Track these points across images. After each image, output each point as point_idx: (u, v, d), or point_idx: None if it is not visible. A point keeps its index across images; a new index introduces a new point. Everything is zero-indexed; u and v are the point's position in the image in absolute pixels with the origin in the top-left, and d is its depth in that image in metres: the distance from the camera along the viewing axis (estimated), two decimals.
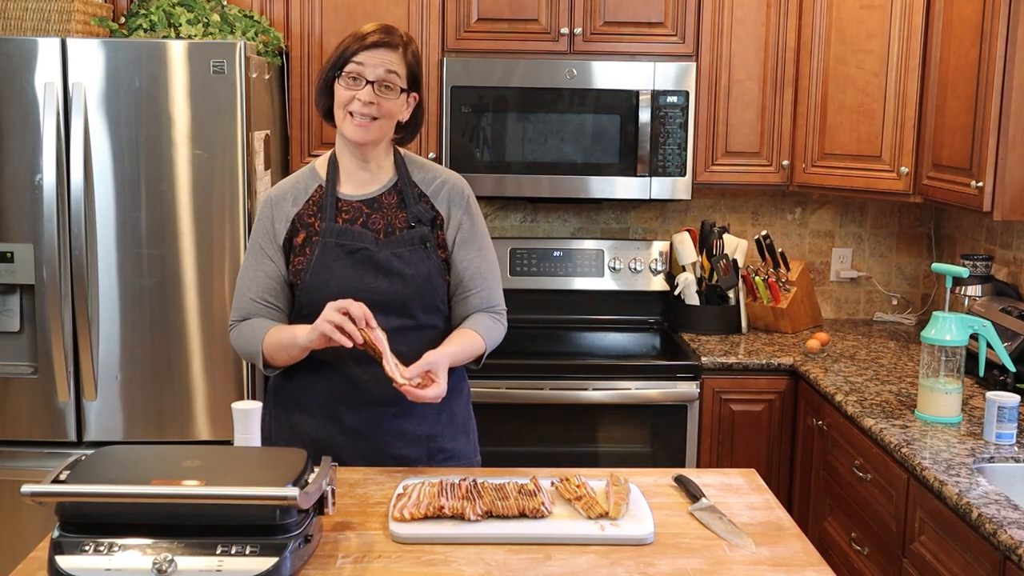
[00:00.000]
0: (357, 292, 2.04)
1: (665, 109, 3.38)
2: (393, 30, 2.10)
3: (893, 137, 3.25)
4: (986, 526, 1.93)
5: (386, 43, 2.06)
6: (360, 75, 2.04)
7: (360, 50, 2.05)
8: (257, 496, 1.54)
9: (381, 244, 2.10)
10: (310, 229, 2.12)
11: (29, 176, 2.91)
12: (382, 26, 2.09)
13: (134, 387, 3.01)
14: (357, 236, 2.10)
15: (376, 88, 2.04)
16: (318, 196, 2.15)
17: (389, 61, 2.05)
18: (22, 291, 2.98)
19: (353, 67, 2.04)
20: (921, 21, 3.14)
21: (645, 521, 1.78)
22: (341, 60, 2.06)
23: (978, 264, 3.18)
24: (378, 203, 2.14)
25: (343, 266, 2.08)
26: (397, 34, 2.10)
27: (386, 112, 2.07)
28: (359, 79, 2.04)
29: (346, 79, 2.05)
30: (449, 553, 1.70)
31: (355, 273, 2.08)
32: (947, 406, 2.53)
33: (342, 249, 2.09)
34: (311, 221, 2.13)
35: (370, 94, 2.04)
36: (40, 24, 2.98)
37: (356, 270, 2.08)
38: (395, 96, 2.07)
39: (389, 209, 2.14)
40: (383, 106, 2.06)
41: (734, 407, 3.25)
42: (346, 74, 2.05)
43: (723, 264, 3.56)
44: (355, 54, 2.05)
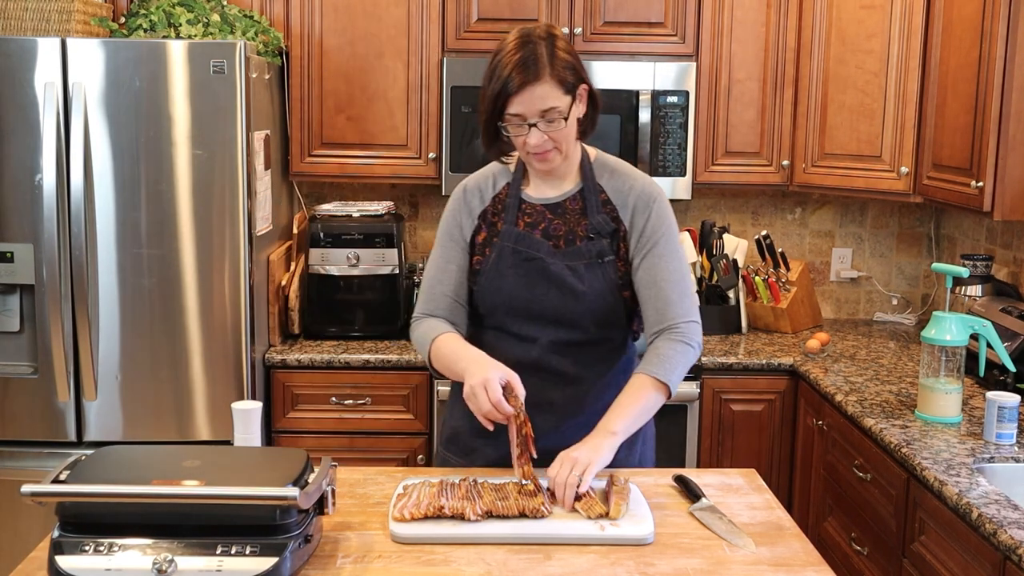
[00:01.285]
0: (528, 303, 2.02)
1: (665, 109, 3.38)
2: (532, 55, 1.92)
3: (893, 137, 3.25)
4: (986, 526, 1.93)
5: (528, 82, 1.91)
6: (521, 121, 1.95)
7: (509, 97, 1.93)
8: (257, 496, 1.54)
9: (557, 254, 2.03)
10: (492, 229, 2.08)
11: (29, 176, 2.91)
12: (522, 55, 1.92)
13: (134, 387, 3.01)
14: (535, 244, 2.03)
15: (541, 125, 1.95)
16: (504, 194, 2.10)
17: (540, 97, 1.93)
18: (22, 291, 2.98)
19: (509, 117, 1.95)
20: (921, 21, 3.14)
21: (645, 521, 1.78)
22: (495, 110, 1.95)
23: (978, 264, 3.18)
24: (562, 208, 2.07)
25: (516, 274, 2.03)
26: (538, 56, 1.93)
27: (560, 139, 1.98)
28: (521, 125, 1.95)
29: (510, 127, 1.96)
30: (449, 553, 1.70)
31: (527, 283, 2.03)
32: (947, 406, 2.53)
33: (518, 256, 2.03)
34: (494, 220, 2.09)
35: (538, 136, 1.95)
36: (40, 24, 2.98)
37: (529, 280, 2.03)
38: (562, 122, 1.96)
39: (572, 215, 2.06)
40: (555, 137, 1.97)
41: (734, 407, 3.25)
42: (507, 122, 1.96)
43: (723, 264, 3.56)
44: (506, 103, 1.93)
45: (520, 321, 2.06)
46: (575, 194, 2.08)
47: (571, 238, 2.05)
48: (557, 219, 2.07)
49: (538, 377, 2.05)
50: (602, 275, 2.03)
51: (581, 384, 2.09)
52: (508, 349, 2.07)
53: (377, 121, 3.44)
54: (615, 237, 2.05)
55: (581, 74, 1.99)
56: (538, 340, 2.06)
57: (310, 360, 3.20)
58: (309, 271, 3.39)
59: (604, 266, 2.03)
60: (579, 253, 2.03)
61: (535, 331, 2.06)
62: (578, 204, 2.07)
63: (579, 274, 2.03)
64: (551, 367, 2.06)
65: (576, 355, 2.07)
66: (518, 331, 2.07)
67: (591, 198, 2.06)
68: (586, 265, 2.03)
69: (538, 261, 2.03)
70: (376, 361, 3.19)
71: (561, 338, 2.05)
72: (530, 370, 2.05)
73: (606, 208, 2.07)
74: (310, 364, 3.20)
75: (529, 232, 2.06)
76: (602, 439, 1.92)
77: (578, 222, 2.06)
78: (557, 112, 1.95)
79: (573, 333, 2.06)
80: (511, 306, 2.04)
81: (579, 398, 2.09)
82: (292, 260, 3.51)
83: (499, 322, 2.09)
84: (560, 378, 2.07)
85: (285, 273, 3.42)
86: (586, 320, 2.05)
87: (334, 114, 3.43)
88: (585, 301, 2.02)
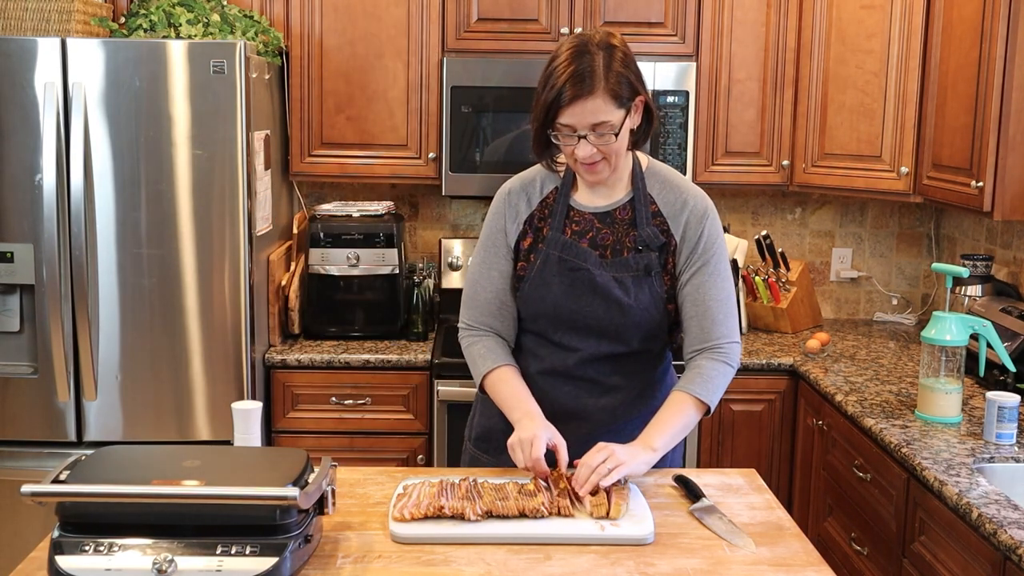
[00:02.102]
0: (572, 313, 2.00)
1: (665, 109, 3.38)
2: (587, 68, 1.87)
3: (893, 137, 3.25)
4: (986, 526, 1.93)
5: (580, 95, 1.87)
6: (571, 132, 1.91)
7: (560, 108, 1.89)
8: (257, 496, 1.54)
9: (605, 265, 2.00)
10: (538, 234, 2.05)
11: (29, 176, 2.91)
12: (575, 68, 1.87)
13: (134, 387, 3.01)
14: (581, 254, 2.00)
15: (591, 138, 1.91)
16: (552, 200, 2.06)
17: (592, 111, 1.89)
18: (22, 291, 2.98)
19: (560, 127, 1.92)
20: (921, 21, 3.14)
21: (645, 521, 1.78)
22: (546, 119, 1.92)
23: (978, 264, 3.18)
24: (611, 217, 2.03)
25: (562, 284, 2.00)
26: (594, 69, 1.88)
27: (610, 152, 1.94)
28: (571, 135, 1.92)
29: (560, 136, 1.93)
30: (449, 553, 1.70)
31: (573, 293, 2.00)
32: (947, 406, 2.53)
33: (564, 265, 2.00)
34: (540, 225, 2.05)
35: (587, 148, 1.92)
36: (40, 24, 2.98)
37: (574, 290, 2.00)
38: (612, 140, 1.92)
39: (621, 225, 2.02)
40: (605, 149, 1.93)
41: (734, 407, 3.25)
42: (558, 131, 1.93)
43: None
44: (557, 114, 1.90)
45: (563, 331, 2.04)
46: (625, 204, 2.04)
47: (619, 248, 2.01)
48: (605, 228, 2.03)
49: (573, 385, 2.05)
50: (648, 289, 2.00)
51: (617, 393, 2.07)
52: (547, 356, 2.05)
53: (377, 121, 3.44)
54: (664, 251, 2.02)
55: (637, 87, 1.94)
56: (579, 350, 2.03)
57: (310, 360, 3.20)
58: (309, 271, 3.39)
59: (651, 280, 2.00)
60: (626, 265, 2.00)
61: (577, 341, 2.03)
62: (628, 214, 2.03)
63: (626, 287, 1.99)
64: (588, 376, 2.05)
65: (615, 366, 2.05)
66: (559, 340, 2.04)
67: (641, 209, 2.02)
68: (633, 278, 2.00)
69: (584, 272, 2.00)
70: (376, 361, 3.19)
71: (603, 350, 2.03)
72: (566, 378, 2.05)
73: (656, 220, 2.03)
74: (310, 364, 3.20)
75: (576, 241, 2.02)
76: (642, 451, 1.91)
77: (627, 232, 2.02)
78: (608, 126, 1.91)
79: (616, 346, 2.03)
80: (555, 316, 2.02)
81: (614, 407, 2.07)
82: (292, 260, 3.51)
83: (541, 329, 2.06)
84: (596, 387, 2.06)
85: (285, 273, 3.42)
86: (630, 333, 2.02)
87: (334, 114, 3.43)
88: (631, 315, 2.00)
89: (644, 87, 1.96)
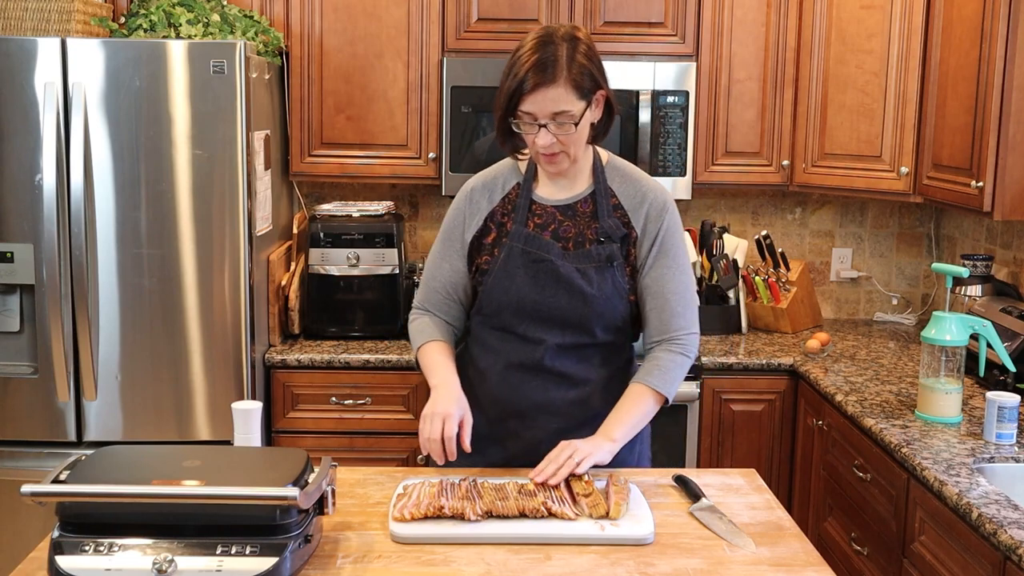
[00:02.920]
0: (537, 304, 2.02)
1: (665, 109, 3.38)
2: (550, 57, 1.92)
3: (893, 137, 3.25)
4: (986, 526, 1.93)
5: (542, 83, 1.91)
6: (532, 120, 1.95)
7: (523, 95, 1.92)
8: (257, 496, 1.54)
9: (567, 256, 2.03)
10: (501, 229, 2.08)
11: (29, 176, 2.91)
12: (539, 56, 1.92)
13: (134, 387, 3.01)
14: (544, 246, 2.03)
15: (551, 127, 1.95)
16: (515, 195, 2.09)
17: (553, 100, 1.92)
18: (22, 291, 2.98)
19: (521, 114, 1.95)
20: (921, 21, 3.14)
21: (645, 521, 1.78)
22: (509, 107, 1.95)
23: (978, 264, 3.18)
24: (572, 210, 2.06)
25: (526, 275, 2.03)
26: (557, 58, 1.92)
27: (569, 143, 1.98)
28: (532, 124, 1.95)
29: (522, 124, 1.96)
30: (449, 553, 1.70)
31: (537, 285, 2.03)
32: (947, 406, 2.53)
33: (527, 257, 2.03)
34: (504, 220, 2.08)
35: (547, 137, 1.95)
36: (40, 24, 2.98)
37: (538, 281, 2.03)
38: (572, 127, 1.95)
39: (583, 218, 2.06)
40: (564, 140, 1.97)
41: (734, 407, 3.25)
42: (519, 119, 1.96)
43: (723, 264, 3.56)
44: (519, 101, 1.93)
45: (527, 323, 2.05)
46: (586, 197, 2.08)
47: (580, 240, 2.05)
48: (568, 221, 2.06)
49: (541, 379, 2.06)
50: (611, 279, 2.03)
51: (585, 386, 2.09)
52: (512, 351, 2.07)
53: (377, 121, 3.44)
54: (625, 242, 2.05)
55: (599, 81, 1.98)
56: (544, 343, 2.05)
57: (310, 360, 3.20)
58: (309, 271, 3.39)
59: (613, 270, 2.03)
60: (589, 256, 2.03)
61: (542, 333, 2.05)
62: (589, 207, 2.07)
63: (589, 277, 2.02)
64: (556, 370, 2.06)
65: (581, 358, 2.07)
66: (524, 332, 2.06)
67: (602, 202, 2.06)
68: (596, 268, 2.03)
69: (548, 263, 2.03)
70: (376, 361, 3.19)
71: (567, 341, 2.05)
72: (534, 372, 2.06)
73: (617, 212, 2.07)
74: (310, 364, 3.20)
75: (539, 233, 2.05)
76: (603, 441, 1.96)
77: (588, 225, 2.06)
78: (568, 116, 1.94)
79: (580, 336, 2.05)
80: (519, 307, 2.04)
81: (582, 400, 2.09)
82: (292, 260, 3.51)
83: (505, 323, 2.08)
84: (564, 381, 2.07)
85: (285, 273, 3.42)
86: (594, 323, 2.04)
87: (334, 114, 3.43)
88: (595, 305, 2.02)
89: (606, 82, 2.01)
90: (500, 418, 2.10)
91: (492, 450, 2.11)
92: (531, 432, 2.08)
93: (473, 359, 2.15)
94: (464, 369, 2.14)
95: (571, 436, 2.00)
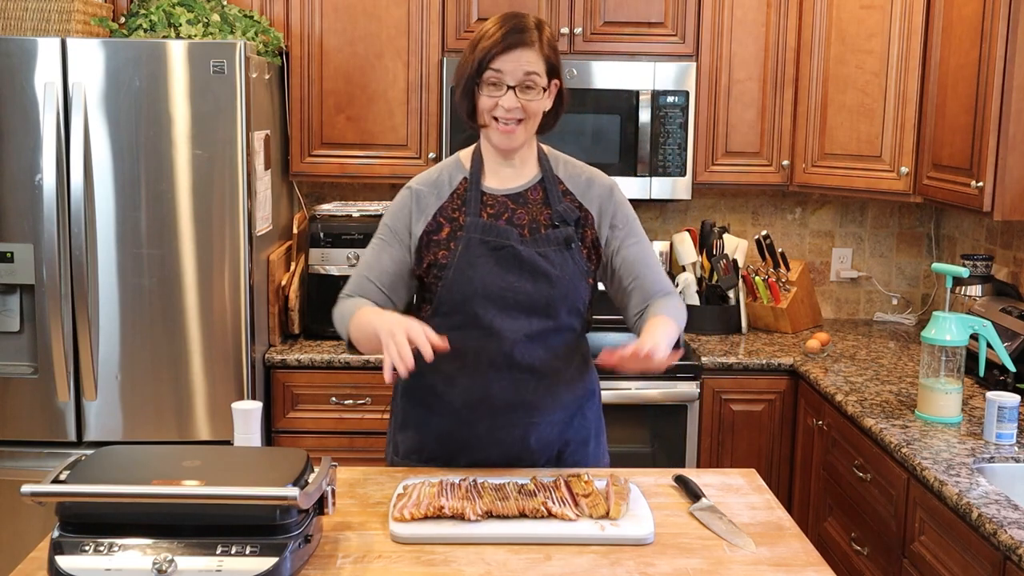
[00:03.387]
0: (502, 291, 2.01)
1: (665, 109, 3.38)
2: (524, 24, 1.99)
3: (893, 137, 3.25)
4: (986, 526, 1.93)
5: (522, 43, 1.96)
6: (500, 81, 1.97)
7: (496, 55, 1.96)
8: (257, 496, 1.54)
9: (526, 242, 2.03)
10: (454, 223, 2.06)
11: (29, 176, 2.91)
12: (514, 23, 1.98)
13: (134, 387, 3.01)
14: (502, 233, 2.03)
15: (518, 91, 1.98)
16: (463, 190, 2.09)
17: (527, 61, 1.97)
18: (22, 291, 2.98)
19: (491, 74, 1.97)
20: (921, 21, 3.14)
21: (645, 521, 1.78)
22: (479, 67, 1.97)
23: (978, 264, 3.18)
24: (523, 198, 2.08)
25: (487, 263, 2.02)
26: (530, 27, 1.99)
27: (531, 112, 2.01)
28: (499, 84, 1.97)
29: (487, 86, 1.98)
30: (449, 553, 1.70)
31: (499, 271, 2.02)
32: (947, 406, 2.53)
33: (486, 246, 2.02)
34: (455, 215, 2.07)
35: (513, 99, 1.97)
36: (40, 24, 2.98)
37: (500, 268, 2.02)
38: (538, 95, 2.00)
39: (534, 205, 2.08)
40: (528, 107, 2.00)
41: (734, 407, 3.25)
42: (486, 81, 1.98)
43: (723, 264, 3.56)
44: (492, 59, 1.96)
45: (493, 311, 2.02)
46: (535, 184, 2.10)
47: (535, 227, 2.06)
48: (520, 209, 2.07)
49: (511, 375, 2.04)
50: (571, 260, 2.05)
51: (551, 377, 2.08)
52: (479, 349, 2.04)
53: (377, 121, 3.44)
54: (580, 224, 2.08)
55: (559, 69, 2.05)
56: (509, 335, 2.02)
57: (310, 360, 3.20)
58: (309, 271, 3.39)
59: (572, 252, 2.06)
60: (547, 240, 2.05)
61: (508, 322, 2.02)
62: (539, 194, 2.09)
63: (550, 259, 2.04)
64: (525, 362, 2.04)
65: (546, 346, 2.06)
66: (491, 323, 2.02)
67: (551, 188, 2.09)
68: (555, 251, 2.04)
69: (508, 248, 2.03)
70: (376, 361, 3.19)
71: (533, 328, 2.03)
72: (505, 368, 2.04)
73: (567, 197, 2.10)
74: (310, 364, 3.20)
75: (494, 222, 2.06)
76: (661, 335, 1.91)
77: (541, 211, 2.08)
78: (537, 81, 1.98)
79: (546, 322, 2.05)
80: (486, 294, 2.01)
81: (551, 390, 2.08)
82: (292, 260, 3.51)
83: (470, 316, 2.03)
84: (531, 374, 2.05)
85: (285, 273, 3.42)
86: (559, 306, 2.05)
87: (334, 114, 3.43)
88: (559, 286, 2.04)
89: (562, 75, 2.06)
90: (470, 421, 2.08)
91: (467, 454, 2.09)
92: (504, 431, 2.08)
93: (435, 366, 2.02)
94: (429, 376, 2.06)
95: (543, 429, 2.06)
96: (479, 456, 2.09)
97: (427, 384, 2.09)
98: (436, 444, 2.12)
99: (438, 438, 2.11)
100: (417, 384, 2.10)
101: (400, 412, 2.19)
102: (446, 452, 2.11)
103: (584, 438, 2.16)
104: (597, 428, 2.22)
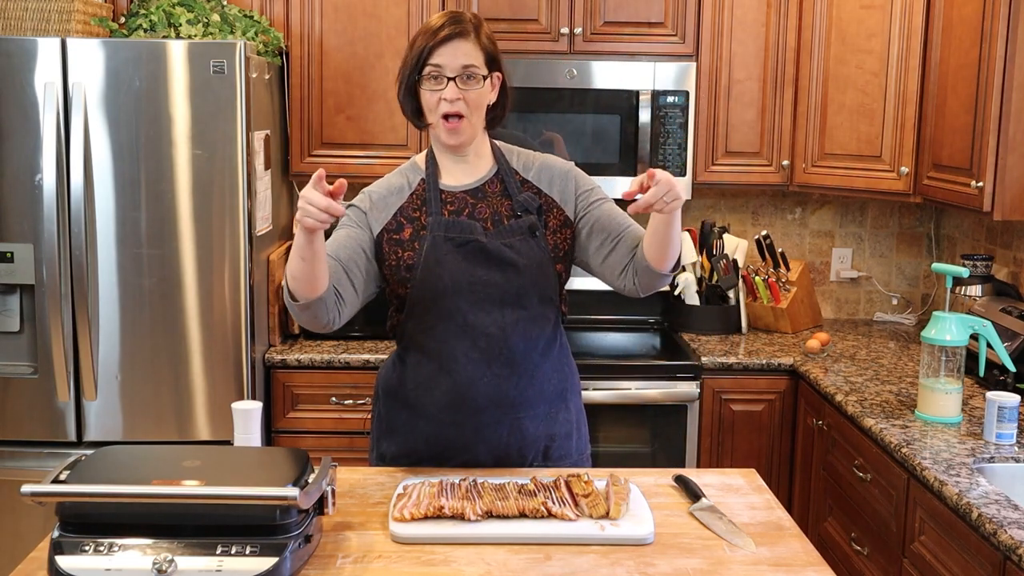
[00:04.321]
0: (472, 285, 2.02)
1: (665, 109, 3.38)
2: (461, 17, 2.04)
3: (893, 137, 3.25)
4: (986, 526, 1.93)
5: (458, 34, 2.00)
6: (440, 74, 2.00)
7: (434, 47, 1.99)
8: (257, 496, 1.54)
9: (490, 234, 2.05)
10: (416, 223, 2.07)
11: (29, 176, 2.91)
12: (450, 16, 2.03)
13: (134, 387, 3.01)
14: (466, 228, 2.05)
15: (459, 82, 2.00)
16: (421, 190, 2.10)
17: (465, 53, 2.00)
18: (22, 291, 2.98)
19: (431, 68, 2.00)
20: (921, 21, 3.14)
21: (645, 521, 1.78)
22: (419, 62, 2.01)
23: (978, 264, 3.18)
24: (482, 192, 2.10)
25: (455, 258, 2.03)
26: (466, 20, 2.04)
27: (474, 104, 2.03)
28: (440, 78, 2.00)
29: (427, 81, 2.01)
30: (449, 553, 1.70)
31: (467, 266, 2.03)
32: (947, 406, 2.53)
33: (452, 242, 2.04)
34: (416, 215, 2.08)
35: (454, 90, 2.00)
36: (40, 24, 2.98)
37: (468, 263, 2.03)
38: (479, 85, 2.02)
39: (494, 197, 2.10)
40: (470, 99, 2.02)
41: (734, 407, 3.25)
42: (426, 76, 2.00)
43: (723, 264, 3.56)
44: (430, 53, 1.99)
45: (467, 306, 2.03)
46: (492, 178, 2.12)
47: (498, 219, 2.07)
48: (480, 203, 2.09)
49: (491, 371, 2.04)
50: (537, 247, 2.06)
51: (530, 369, 2.08)
52: (455, 348, 2.04)
53: (377, 121, 3.44)
54: (542, 211, 2.10)
55: (499, 61, 2.08)
56: (487, 325, 2.03)
57: (310, 360, 3.20)
58: None
59: (537, 239, 2.07)
60: (511, 230, 2.06)
61: (483, 315, 2.03)
62: (497, 187, 2.11)
63: (516, 249, 2.05)
64: (504, 357, 2.04)
65: (522, 337, 2.06)
66: (465, 318, 2.02)
67: (509, 179, 2.11)
68: (520, 240, 2.06)
69: (474, 243, 2.04)
70: (376, 361, 3.19)
71: (508, 319, 2.04)
72: (482, 366, 2.04)
73: (526, 186, 2.12)
74: (310, 364, 3.20)
75: (456, 218, 2.07)
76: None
77: (501, 203, 2.09)
78: (476, 71, 2.01)
79: (519, 311, 2.05)
80: (456, 288, 2.02)
81: (532, 383, 2.08)
82: None
83: (446, 314, 2.03)
84: (511, 368, 2.06)
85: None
86: (530, 294, 2.06)
87: (334, 114, 3.43)
88: (528, 274, 2.04)
89: (504, 69, 2.10)
90: (456, 422, 2.08)
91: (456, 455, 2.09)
92: (490, 429, 2.08)
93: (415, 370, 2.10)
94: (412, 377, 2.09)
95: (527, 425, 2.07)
96: (468, 456, 2.09)
97: (408, 388, 2.11)
98: (424, 447, 2.12)
99: (426, 441, 2.11)
100: (399, 388, 2.13)
101: (384, 418, 2.19)
102: (435, 455, 2.11)
103: (567, 432, 2.18)
104: (579, 420, 2.23)
